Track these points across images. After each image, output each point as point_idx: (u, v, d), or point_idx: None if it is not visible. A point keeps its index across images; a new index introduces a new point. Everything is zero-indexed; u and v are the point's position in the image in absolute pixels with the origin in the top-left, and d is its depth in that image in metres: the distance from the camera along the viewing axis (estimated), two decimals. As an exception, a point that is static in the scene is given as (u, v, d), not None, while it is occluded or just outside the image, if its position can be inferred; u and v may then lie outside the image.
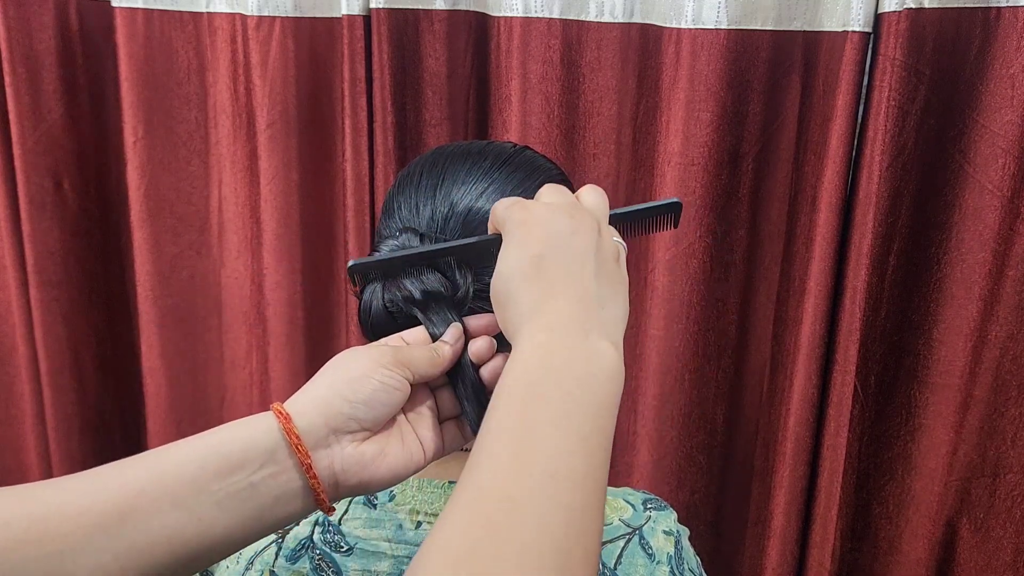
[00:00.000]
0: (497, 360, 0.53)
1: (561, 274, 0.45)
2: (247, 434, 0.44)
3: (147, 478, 0.42)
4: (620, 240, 0.51)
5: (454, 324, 0.52)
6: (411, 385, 0.49)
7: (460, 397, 0.52)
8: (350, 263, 0.52)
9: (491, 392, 0.51)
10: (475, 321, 0.53)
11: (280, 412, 0.45)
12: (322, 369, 0.48)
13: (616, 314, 0.46)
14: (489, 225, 0.52)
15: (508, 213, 0.48)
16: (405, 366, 0.48)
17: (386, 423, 0.49)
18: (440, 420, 0.52)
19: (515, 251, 0.46)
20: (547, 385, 0.41)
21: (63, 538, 0.40)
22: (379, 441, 0.48)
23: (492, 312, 0.53)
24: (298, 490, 0.45)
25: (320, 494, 0.45)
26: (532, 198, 0.60)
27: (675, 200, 0.55)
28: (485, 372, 0.52)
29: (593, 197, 0.52)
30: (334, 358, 0.49)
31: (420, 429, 0.50)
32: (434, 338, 0.52)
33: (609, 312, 0.46)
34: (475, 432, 0.52)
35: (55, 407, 1.35)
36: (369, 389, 0.46)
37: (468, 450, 0.61)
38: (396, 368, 0.48)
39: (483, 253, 0.52)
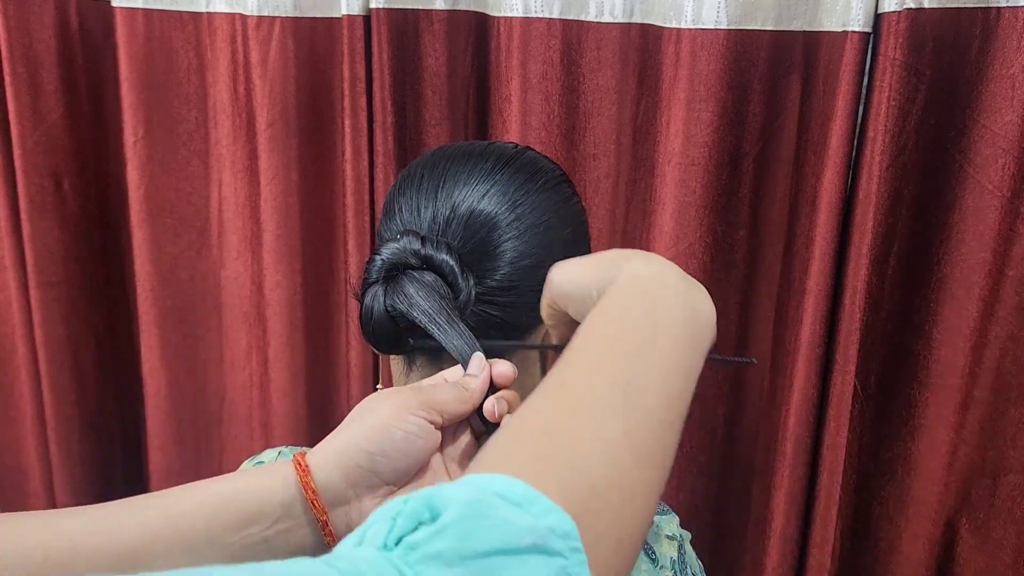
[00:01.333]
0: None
1: (635, 251, 0.47)
2: (264, 485, 0.43)
3: (162, 523, 0.41)
4: None
5: (476, 354, 0.50)
6: (441, 429, 0.46)
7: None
8: None
9: None
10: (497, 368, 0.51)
11: (299, 464, 0.43)
12: (348, 416, 0.46)
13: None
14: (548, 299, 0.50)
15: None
16: (432, 408, 0.46)
17: (415, 474, 0.46)
18: None
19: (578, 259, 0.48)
20: (639, 312, 0.41)
21: None
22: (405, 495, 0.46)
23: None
24: (313, 547, 0.43)
25: None
26: (533, 199, 0.60)
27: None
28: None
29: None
30: (360, 404, 0.47)
31: (459, 476, 0.48)
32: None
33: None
34: None
35: (55, 407, 1.35)
36: (389, 440, 0.44)
37: None
38: (422, 411, 0.45)
39: None
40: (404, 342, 0.54)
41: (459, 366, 0.51)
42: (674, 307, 0.42)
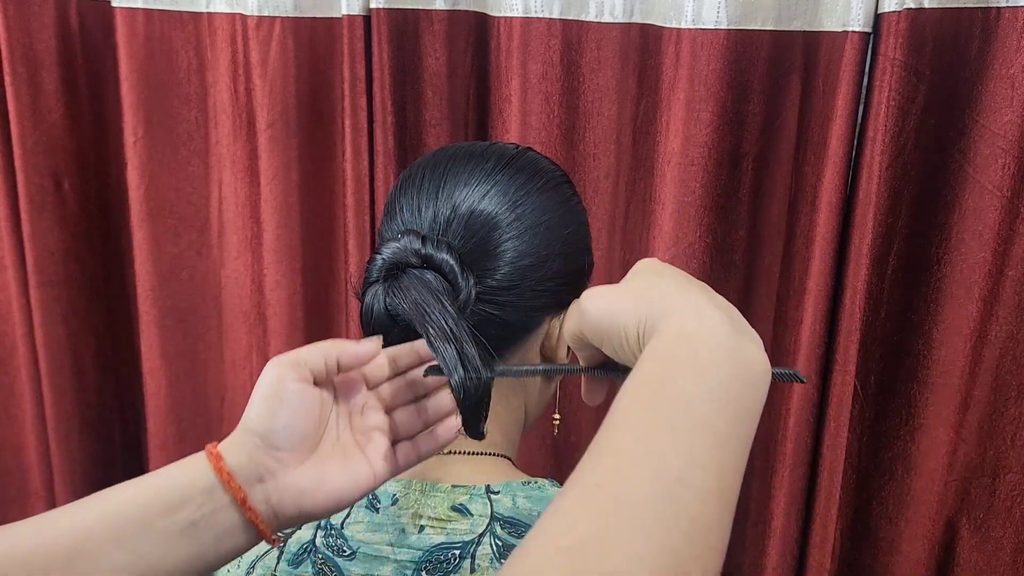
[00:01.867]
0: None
1: (675, 282, 0.43)
2: (186, 474, 0.45)
3: (94, 519, 0.43)
4: None
5: (376, 337, 0.51)
6: (317, 386, 0.48)
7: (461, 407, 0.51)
8: None
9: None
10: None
11: (211, 452, 0.46)
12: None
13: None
14: (572, 330, 0.47)
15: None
16: (299, 366, 0.47)
17: (324, 446, 0.48)
18: (396, 440, 0.52)
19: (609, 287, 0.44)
20: (688, 383, 0.37)
21: None
22: (316, 468, 0.47)
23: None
24: (239, 524, 0.45)
25: (260, 526, 0.46)
26: (534, 199, 0.60)
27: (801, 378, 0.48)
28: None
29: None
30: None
31: (369, 451, 0.50)
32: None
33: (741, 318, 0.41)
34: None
35: (55, 407, 1.35)
36: (270, 416, 0.46)
37: (457, 452, 0.60)
38: (292, 373, 0.47)
39: None
40: (404, 342, 0.54)
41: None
42: (726, 371, 0.37)
